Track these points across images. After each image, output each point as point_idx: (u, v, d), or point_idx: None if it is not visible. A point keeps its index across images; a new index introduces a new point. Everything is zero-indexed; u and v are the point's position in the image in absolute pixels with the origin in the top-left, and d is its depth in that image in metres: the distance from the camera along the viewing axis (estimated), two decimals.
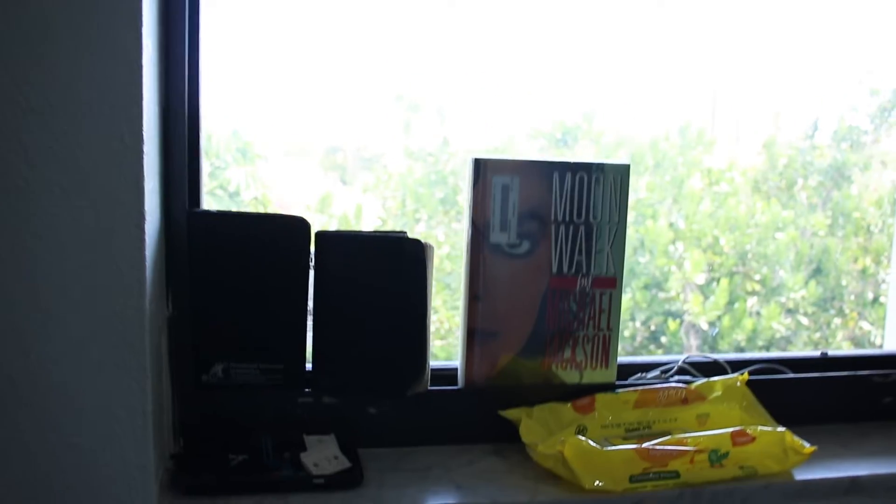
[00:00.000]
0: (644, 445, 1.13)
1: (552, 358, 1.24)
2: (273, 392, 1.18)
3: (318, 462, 1.13)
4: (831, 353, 1.41)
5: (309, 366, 1.19)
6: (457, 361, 1.25)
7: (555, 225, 1.21)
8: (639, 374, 1.32)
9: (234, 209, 1.26)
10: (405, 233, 1.18)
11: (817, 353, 1.41)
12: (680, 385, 1.27)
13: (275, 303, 1.16)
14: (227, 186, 2.42)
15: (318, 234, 1.16)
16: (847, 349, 3.15)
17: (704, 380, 1.29)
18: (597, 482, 1.11)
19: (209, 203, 2.06)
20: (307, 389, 1.20)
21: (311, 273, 1.17)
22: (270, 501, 1.08)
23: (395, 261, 1.16)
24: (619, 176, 1.22)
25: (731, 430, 1.17)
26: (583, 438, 1.12)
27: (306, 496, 1.09)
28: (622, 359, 1.28)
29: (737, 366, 1.35)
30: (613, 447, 1.13)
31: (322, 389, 1.20)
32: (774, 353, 1.41)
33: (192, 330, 1.16)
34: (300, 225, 1.15)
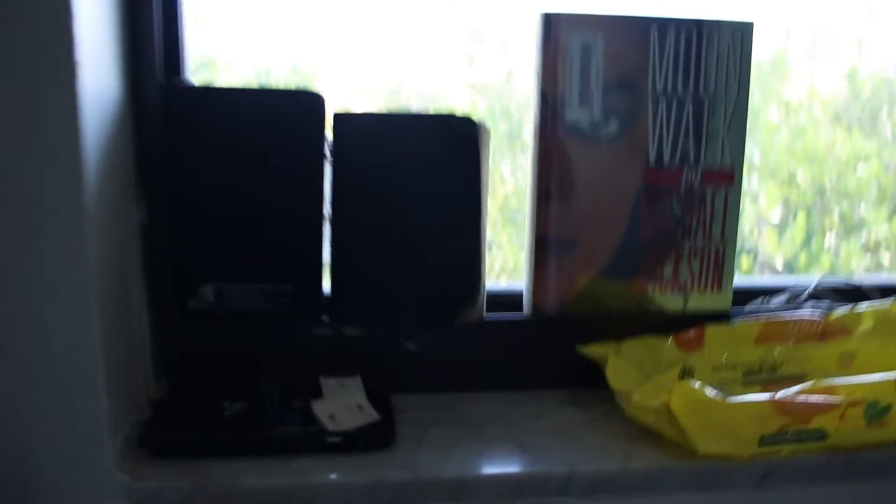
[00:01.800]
0: (780, 396, 0.75)
1: (647, 277, 0.87)
2: (281, 321, 0.84)
3: (335, 414, 0.79)
4: None
5: (327, 286, 0.83)
6: (522, 283, 0.89)
7: (653, 97, 0.83)
8: (759, 300, 0.94)
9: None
10: (453, 113, 0.81)
11: None
12: (815, 315, 0.89)
13: (281, 204, 0.81)
14: None
15: (337, 117, 0.80)
16: None
17: (848, 308, 0.90)
18: (714, 445, 0.74)
19: None
20: (325, 317, 0.84)
21: (329, 166, 0.81)
22: (268, 468, 0.74)
23: (439, 147, 0.80)
24: (739, 36, 0.83)
25: (895, 375, 0.79)
26: (696, 385, 0.75)
27: (316, 461, 0.75)
28: (738, 281, 0.90)
29: (889, 291, 0.96)
30: (738, 398, 0.76)
31: (344, 317, 0.85)
32: None
33: (171, 240, 0.81)
34: (312, 102, 0.79)
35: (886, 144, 3.06)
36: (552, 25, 0.81)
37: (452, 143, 0.79)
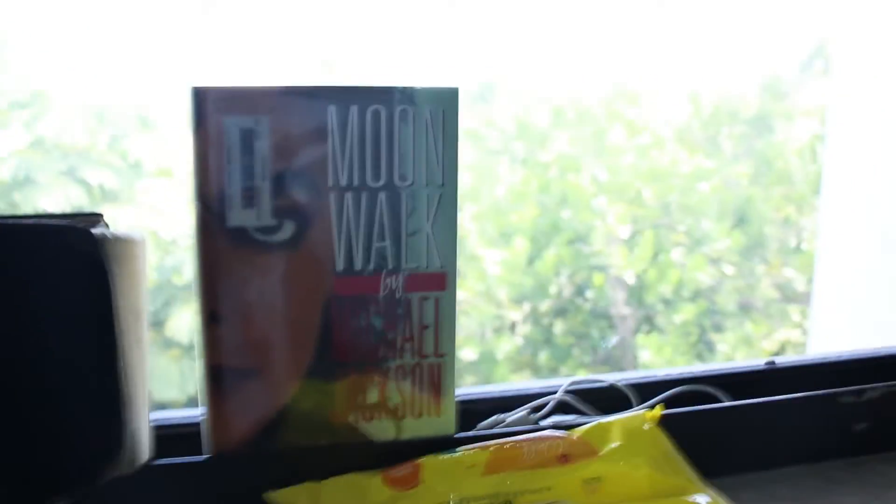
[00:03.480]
0: None
1: (348, 403, 0.66)
2: None
3: None
4: (780, 361, 0.83)
5: None
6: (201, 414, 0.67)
7: (336, 192, 0.62)
8: (494, 418, 0.74)
9: None
10: (100, 216, 0.59)
11: (760, 364, 0.83)
12: (557, 433, 0.70)
13: None
14: None
15: None
16: (797, 355, 2.57)
17: (594, 422, 0.71)
18: None
19: None
20: None
21: None
22: None
23: (66, 265, 0.57)
24: (441, 109, 0.63)
25: None
26: None
27: None
28: (466, 392, 0.70)
29: (648, 390, 0.78)
30: None
31: None
32: (702, 367, 0.83)
33: None
34: None
35: (726, 163, 2.94)
36: (203, 104, 0.59)
37: (77, 262, 0.57)
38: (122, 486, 0.61)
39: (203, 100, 0.59)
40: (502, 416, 0.73)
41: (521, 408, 0.74)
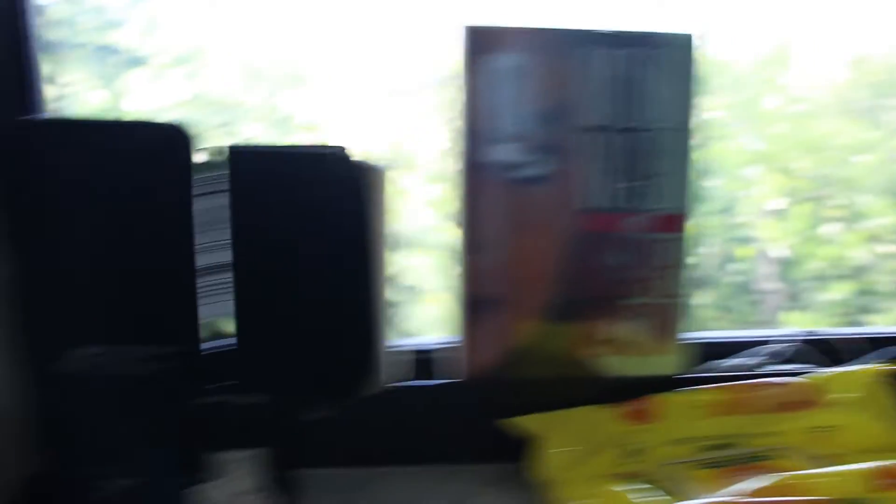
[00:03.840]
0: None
1: (582, 339, 0.68)
2: (168, 387, 0.66)
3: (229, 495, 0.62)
4: None
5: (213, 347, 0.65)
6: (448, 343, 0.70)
7: (585, 132, 0.64)
8: (721, 361, 0.75)
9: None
10: (344, 147, 0.63)
11: None
12: (788, 380, 0.70)
13: (146, 253, 0.63)
14: None
15: (235, 152, 0.63)
16: None
17: (824, 372, 0.71)
18: None
19: None
20: (215, 383, 0.67)
21: (229, 208, 0.63)
22: None
23: (325, 189, 0.62)
24: (680, 53, 0.64)
25: (867, 466, 0.60)
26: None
27: None
28: (697, 335, 0.71)
29: (880, 344, 0.76)
30: None
31: (248, 382, 0.67)
32: None
33: (25, 298, 0.64)
34: (173, 137, 0.62)
35: (889, 135, 2.79)
36: (475, 42, 0.62)
37: (335, 186, 0.61)
38: (376, 403, 0.66)
39: (475, 38, 0.62)
40: (732, 360, 0.74)
41: (753, 353, 0.74)
